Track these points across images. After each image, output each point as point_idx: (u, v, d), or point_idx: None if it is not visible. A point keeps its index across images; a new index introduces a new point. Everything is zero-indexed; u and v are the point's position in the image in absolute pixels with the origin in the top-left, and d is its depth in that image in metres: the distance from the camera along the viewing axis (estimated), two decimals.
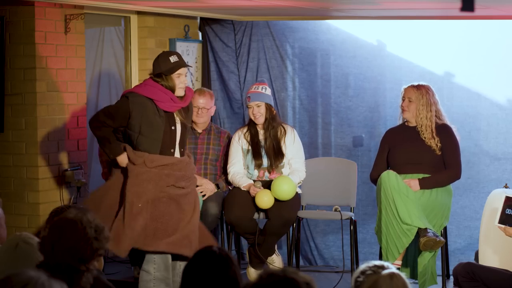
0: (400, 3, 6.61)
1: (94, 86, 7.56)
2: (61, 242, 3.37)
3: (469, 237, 7.31)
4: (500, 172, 7.28)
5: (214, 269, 3.17)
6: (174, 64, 5.60)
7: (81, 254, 3.37)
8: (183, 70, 5.65)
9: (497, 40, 7.32)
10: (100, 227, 3.46)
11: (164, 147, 5.61)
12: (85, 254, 3.38)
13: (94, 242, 3.41)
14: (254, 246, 6.64)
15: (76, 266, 3.36)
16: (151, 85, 5.62)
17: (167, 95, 5.59)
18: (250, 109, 6.75)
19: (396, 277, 2.96)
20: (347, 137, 7.78)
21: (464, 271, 5.36)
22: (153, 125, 5.58)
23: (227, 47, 7.92)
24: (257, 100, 6.70)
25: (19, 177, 6.67)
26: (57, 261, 3.35)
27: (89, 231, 3.40)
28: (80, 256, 3.36)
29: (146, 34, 7.53)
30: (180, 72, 5.63)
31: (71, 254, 3.35)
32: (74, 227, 3.40)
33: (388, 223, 6.24)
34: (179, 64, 5.61)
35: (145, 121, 5.57)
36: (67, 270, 3.34)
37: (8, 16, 6.62)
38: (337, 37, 7.81)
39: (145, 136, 5.58)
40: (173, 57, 5.63)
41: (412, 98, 6.48)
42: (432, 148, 6.44)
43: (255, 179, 6.71)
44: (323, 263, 7.65)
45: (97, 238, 3.42)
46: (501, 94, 7.35)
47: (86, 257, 3.38)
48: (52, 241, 3.39)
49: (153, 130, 5.59)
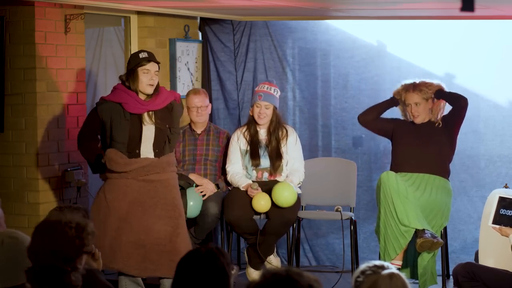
0: (400, 3, 6.61)
1: (91, 86, 7.56)
2: (43, 245, 3.40)
3: (463, 241, 7.31)
4: (495, 176, 7.27)
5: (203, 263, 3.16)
6: (141, 59, 5.70)
7: (64, 254, 3.38)
8: (151, 66, 5.72)
9: (497, 40, 7.32)
10: (82, 225, 3.47)
11: (130, 148, 5.70)
12: (69, 253, 3.40)
13: (77, 241, 3.42)
14: (253, 246, 6.64)
15: (62, 267, 3.37)
16: (118, 89, 5.78)
17: (132, 97, 5.68)
18: (257, 108, 6.71)
19: (396, 277, 2.96)
20: (346, 137, 7.78)
21: (464, 271, 5.36)
22: (120, 128, 5.67)
23: (226, 47, 7.92)
24: (268, 101, 6.68)
25: (19, 177, 6.67)
26: (42, 264, 3.37)
27: (68, 230, 3.42)
28: (64, 256, 3.38)
29: (146, 34, 7.53)
30: (148, 67, 5.70)
31: (55, 255, 3.37)
32: (53, 229, 3.43)
33: (387, 224, 6.25)
34: (145, 59, 5.70)
35: (114, 125, 5.70)
36: (53, 272, 3.36)
37: (8, 16, 6.61)
38: (336, 37, 7.81)
39: (115, 141, 5.71)
40: (143, 54, 5.77)
41: (418, 101, 6.50)
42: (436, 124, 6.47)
43: (254, 179, 6.71)
44: (322, 263, 7.65)
45: (80, 236, 3.44)
46: (500, 95, 7.35)
47: (70, 257, 3.40)
48: (35, 245, 3.42)
49: (120, 133, 5.67)
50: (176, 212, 5.72)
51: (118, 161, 5.67)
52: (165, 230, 5.66)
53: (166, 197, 5.72)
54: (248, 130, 6.77)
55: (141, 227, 5.64)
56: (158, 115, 5.73)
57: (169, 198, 5.73)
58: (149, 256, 5.63)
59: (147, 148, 5.72)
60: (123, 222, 5.64)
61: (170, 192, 5.75)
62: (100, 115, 5.75)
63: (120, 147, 5.70)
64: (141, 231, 5.63)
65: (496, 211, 5.49)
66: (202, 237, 6.71)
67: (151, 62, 5.75)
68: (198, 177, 6.79)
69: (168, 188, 5.74)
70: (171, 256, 5.61)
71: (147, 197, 5.67)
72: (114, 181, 5.72)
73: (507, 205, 5.49)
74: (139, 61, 5.70)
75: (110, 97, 5.77)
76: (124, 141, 5.68)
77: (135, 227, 5.63)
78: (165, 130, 5.76)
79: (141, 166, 5.67)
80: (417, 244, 6.09)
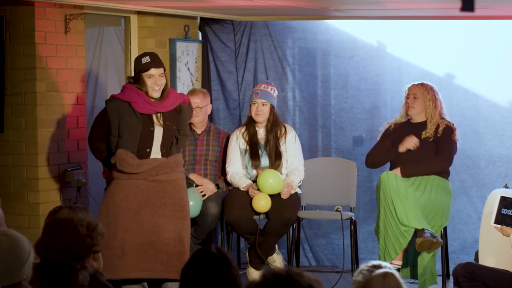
0: (400, 3, 6.61)
1: (91, 86, 7.56)
2: (54, 242, 3.40)
3: (463, 241, 7.31)
4: (495, 176, 7.27)
5: (213, 271, 3.14)
6: (143, 65, 5.67)
7: (74, 252, 3.39)
8: (154, 71, 5.68)
9: (497, 40, 7.32)
10: (93, 224, 3.48)
11: (140, 147, 5.68)
12: (79, 252, 3.40)
13: (87, 239, 3.44)
14: (254, 246, 6.64)
15: (71, 265, 3.38)
16: (127, 88, 5.75)
17: (141, 97, 5.66)
18: (254, 105, 6.71)
19: (389, 276, 2.93)
20: (346, 137, 7.78)
21: (464, 271, 5.36)
22: (130, 127, 5.66)
23: (227, 47, 7.92)
24: (264, 99, 6.68)
25: (19, 177, 6.67)
26: (51, 261, 3.37)
27: (80, 228, 3.43)
28: (74, 254, 3.39)
29: (146, 34, 7.53)
30: (151, 73, 5.67)
31: (65, 253, 3.38)
32: (65, 227, 3.44)
33: (387, 224, 6.25)
34: (148, 65, 5.67)
35: (122, 123, 5.68)
36: (62, 269, 3.36)
37: (8, 16, 6.61)
38: (336, 37, 7.81)
39: (124, 138, 5.68)
40: (145, 58, 5.71)
41: (417, 95, 6.53)
42: (429, 138, 6.45)
43: (254, 179, 6.71)
44: (322, 263, 7.65)
45: (90, 235, 3.44)
46: (500, 95, 7.35)
47: (80, 255, 3.41)
48: (46, 242, 3.42)
49: (130, 131, 5.65)
50: (183, 213, 5.72)
51: (129, 162, 5.64)
52: (174, 230, 5.65)
53: (175, 198, 5.71)
54: (247, 130, 6.77)
55: (151, 228, 5.62)
56: (167, 117, 5.72)
57: (177, 198, 5.72)
58: (159, 257, 5.61)
59: (156, 149, 5.72)
60: (133, 222, 5.63)
61: (178, 193, 5.74)
62: (108, 112, 5.73)
63: (131, 146, 5.66)
64: (151, 231, 5.62)
65: (498, 211, 5.49)
66: (202, 237, 6.71)
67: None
68: (198, 177, 6.79)
69: (176, 188, 5.73)
70: (180, 257, 5.59)
71: (156, 198, 5.67)
72: (123, 182, 5.70)
73: (509, 204, 5.48)
74: (142, 67, 5.68)
75: (120, 95, 5.75)
76: (136, 139, 5.66)
77: (145, 228, 5.62)
78: (173, 132, 5.75)
79: (152, 167, 5.66)
80: (416, 243, 6.09)
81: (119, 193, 5.68)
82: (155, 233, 5.62)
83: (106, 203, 5.71)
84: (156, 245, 5.61)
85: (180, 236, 5.66)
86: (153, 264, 5.62)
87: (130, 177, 5.67)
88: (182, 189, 5.79)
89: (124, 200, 5.65)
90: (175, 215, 5.68)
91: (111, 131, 5.72)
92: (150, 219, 5.63)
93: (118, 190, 5.70)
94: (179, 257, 5.60)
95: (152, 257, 5.61)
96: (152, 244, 5.61)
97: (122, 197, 5.66)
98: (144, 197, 5.66)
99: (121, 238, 5.59)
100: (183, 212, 5.72)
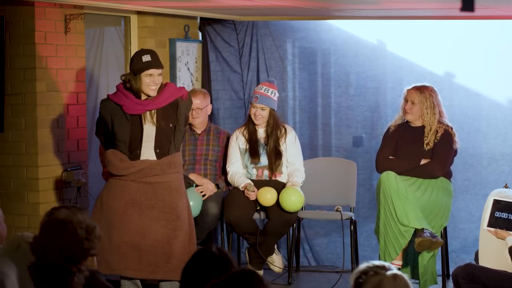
0: (400, 3, 6.61)
1: (94, 86, 7.56)
2: (52, 243, 3.36)
3: (464, 240, 7.31)
4: (497, 174, 7.27)
5: (214, 271, 3.14)
6: (144, 64, 5.64)
7: (72, 255, 3.36)
8: (155, 71, 5.65)
9: (497, 40, 7.32)
10: (91, 227, 3.44)
11: (131, 148, 5.67)
12: (76, 254, 3.37)
13: (85, 242, 3.40)
14: (253, 246, 6.64)
15: (68, 267, 3.35)
16: (118, 90, 5.74)
17: (129, 98, 5.65)
18: (253, 108, 6.73)
19: (399, 278, 2.97)
20: (347, 137, 7.78)
21: (464, 273, 5.35)
22: (121, 128, 5.67)
23: (230, 47, 7.92)
24: (263, 104, 6.68)
25: (19, 177, 6.67)
26: (48, 262, 3.35)
27: (79, 231, 3.39)
28: (71, 257, 3.36)
29: (146, 34, 7.53)
30: (151, 72, 5.64)
31: (62, 254, 3.35)
32: (64, 228, 3.39)
33: (387, 224, 6.25)
34: (149, 65, 5.64)
35: (115, 124, 5.69)
36: (58, 271, 3.34)
37: (8, 16, 6.61)
38: (337, 36, 7.81)
39: (117, 140, 5.70)
40: (146, 57, 5.66)
41: (415, 101, 6.44)
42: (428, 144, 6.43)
43: (254, 178, 6.71)
44: (322, 263, 7.64)
45: (88, 238, 3.41)
46: (501, 94, 7.35)
47: (77, 258, 3.37)
48: (43, 242, 3.38)
49: (121, 133, 5.66)
50: (173, 215, 5.66)
51: (116, 164, 5.65)
52: (163, 232, 5.63)
53: (165, 199, 5.68)
54: (246, 129, 6.78)
55: (137, 229, 5.61)
56: (160, 114, 5.68)
57: (167, 200, 5.67)
58: (145, 258, 5.61)
59: (149, 149, 5.68)
60: (118, 222, 5.62)
61: (169, 195, 5.69)
62: (102, 113, 5.75)
63: (122, 147, 5.68)
64: (137, 232, 5.61)
65: (491, 214, 5.49)
66: (202, 237, 6.71)
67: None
68: (198, 177, 6.79)
69: (168, 190, 5.69)
70: (167, 259, 5.59)
71: (144, 199, 5.65)
72: (114, 181, 5.71)
73: (502, 207, 5.49)
74: (142, 65, 5.64)
75: (112, 96, 5.76)
76: (126, 140, 5.66)
77: (131, 229, 5.61)
78: (168, 130, 5.69)
79: (139, 170, 5.64)
80: (416, 243, 6.09)
81: (108, 192, 5.71)
82: (141, 234, 5.61)
83: (99, 203, 5.76)
84: (143, 246, 5.60)
85: (168, 237, 5.63)
86: (139, 265, 5.62)
87: (120, 177, 5.68)
88: (175, 191, 5.72)
89: (112, 199, 5.66)
90: (165, 217, 5.64)
91: (106, 130, 5.76)
92: (137, 220, 5.61)
93: (108, 189, 5.74)
94: (166, 258, 5.59)
95: (138, 258, 5.60)
96: (138, 245, 5.60)
97: (110, 196, 5.68)
98: (131, 198, 5.64)
99: (104, 235, 5.58)
100: (172, 213, 5.65)
